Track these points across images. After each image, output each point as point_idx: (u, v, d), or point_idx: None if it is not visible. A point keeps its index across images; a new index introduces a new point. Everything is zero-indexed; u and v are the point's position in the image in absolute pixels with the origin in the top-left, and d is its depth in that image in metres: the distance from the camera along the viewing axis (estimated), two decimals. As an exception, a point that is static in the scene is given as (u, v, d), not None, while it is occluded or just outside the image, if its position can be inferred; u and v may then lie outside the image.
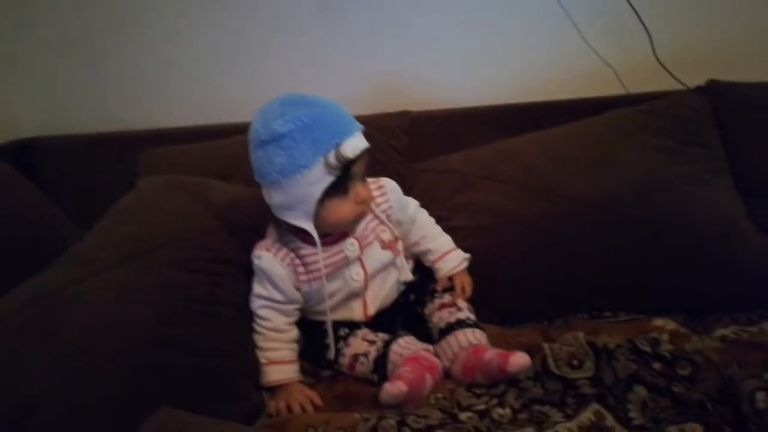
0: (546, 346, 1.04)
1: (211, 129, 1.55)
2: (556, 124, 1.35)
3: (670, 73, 1.42)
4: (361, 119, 1.43)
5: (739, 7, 1.45)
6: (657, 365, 0.94)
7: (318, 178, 0.92)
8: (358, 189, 0.97)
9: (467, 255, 1.14)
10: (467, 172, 1.30)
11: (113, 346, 0.84)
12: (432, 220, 1.18)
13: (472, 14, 1.50)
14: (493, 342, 1.06)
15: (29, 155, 1.66)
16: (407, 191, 1.23)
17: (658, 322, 1.08)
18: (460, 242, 1.18)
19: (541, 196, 1.20)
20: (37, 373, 0.80)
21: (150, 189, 1.20)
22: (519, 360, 0.94)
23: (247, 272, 1.04)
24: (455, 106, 1.52)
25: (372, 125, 1.41)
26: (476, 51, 1.53)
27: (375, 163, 1.32)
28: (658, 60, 1.43)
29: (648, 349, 0.97)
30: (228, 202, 1.13)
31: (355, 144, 0.93)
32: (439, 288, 1.11)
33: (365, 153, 0.96)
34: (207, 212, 1.10)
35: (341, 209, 0.97)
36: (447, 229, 1.20)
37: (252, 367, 0.97)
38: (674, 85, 1.41)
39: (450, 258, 1.13)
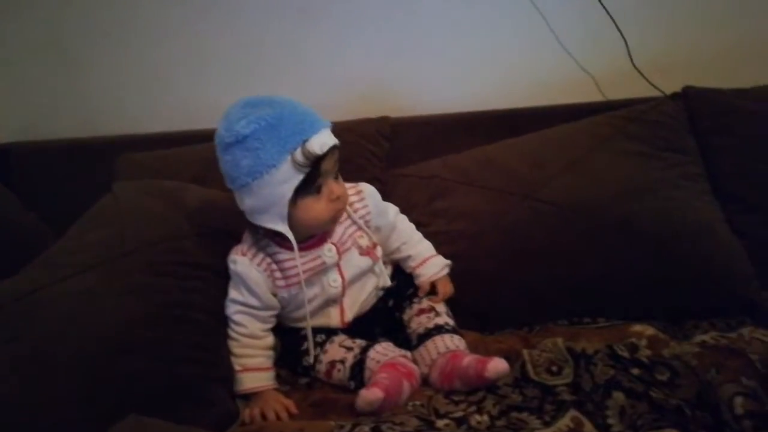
0: (525, 352, 1.03)
1: (189, 134, 1.53)
2: (535, 131, 1.35)
3: (646, 79, 1.43)
4: (341, 125, 1.43)
5: (715, 14, 1.46)
6: (635, 371, 0.93)
7: (287, 177, 0.91)
8: (331, 186, 0.96)
9: (448, 261, 1.14)
10: (446, 178, 1.30)
11: (77, 353, 0.81)
12: (412, 226, 1.17)
13: (453, 21, 1.50)
14: (473, 348, 1.05)
15: (7, 161, 1.63)
16: (387, 197, 1.22)
17: (637, 327, 1.07)
18: (439, 247, 1.18)
19: (518, 201, 1.20)
20: (-1, 383, 0.77)
21: (124, 193, 1.18)
22: (497, 366, 0.93)
23: (222, 277, 1.02)
24: (435, 112, 1.52)
25: (352, 131, 1.43)
26: (456, 58, 1.53)
27: (355, 168, 1.32)
28: (634, 66, 1.44)
29: (626, 354, 0.96)
30: (204, 206, 1.12)
31: (323, 140, 0.92)
32: (421, 294, 1.10)
33: (334, 150, 0.95)
34: (182, 216, 1.09)
35: (315, 208, 0.95)
36: (426, 235, 1.19)
37: (225, 373, 0.95)
38: (651, 92, 1.42)
39: (431, 264, 1.12)
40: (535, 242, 1.17)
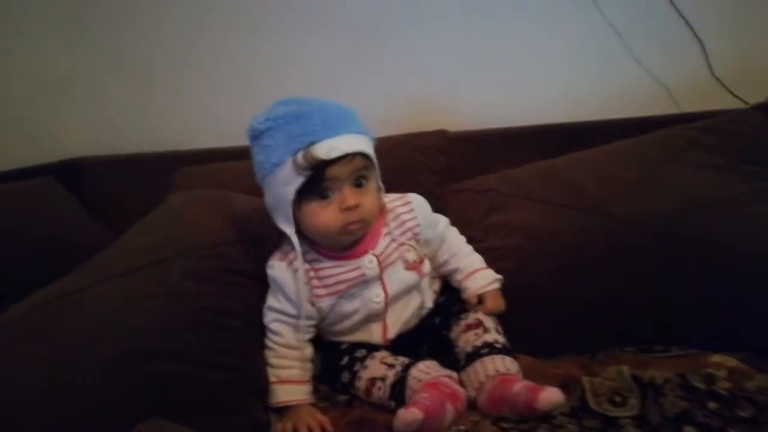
0: (585, 379, 0.93)
1: (245, 148, 1.54)
2: (603, 145, 1.27)
3: (727, 88, 1.32)
4: (397, 138, 1.41)
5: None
6: (712, 404, 0.82)
7: (289, 178, 0.87)
8: (344, 194, 0.90)
9: (499, 276, 1.06)
10: (503, 192, 1.23)
11: (108, 353, 0.79)
12: (463, 238, 1.11)
13: (516, 33, 1.45)
14: (526, 373, 0.96)
15: (77, 173, 1.70)
16: (441, 212, 1.16)
17: (716, 358, 0.95)
18: (494, 263, 1.10)
19: (581, 216, 1.11)
20: (26, 378, 0.76)
21: (175, 202, 1.19)
22: (550, 396, 0.84)
23: (263, 285, 0.99)
24: (496, 126, 1.45)
25: (407, 144, 1.40)
26: (520, 70, 1.48)
27: (408, 182, 1.28)
28: (714, 75, 1.33)
29: (702, 385, 0.85)
30: (250, 215, 1.10)
31: (333, 145, 0.87)
32: (467, 307, 1.02)
33: (351, 157, 0.89)
34: (228, 224, 1.07)
35: (321, 215, 0.91)
36: (480, 251, 1.12)
37: (258, 383, 0.91)
38: (732, 103, 1.31)
39: (479, 276, 1.05)
40: (598, 260, 1.07)
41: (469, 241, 1.14)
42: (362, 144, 0.91)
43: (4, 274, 1.18)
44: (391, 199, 1.02)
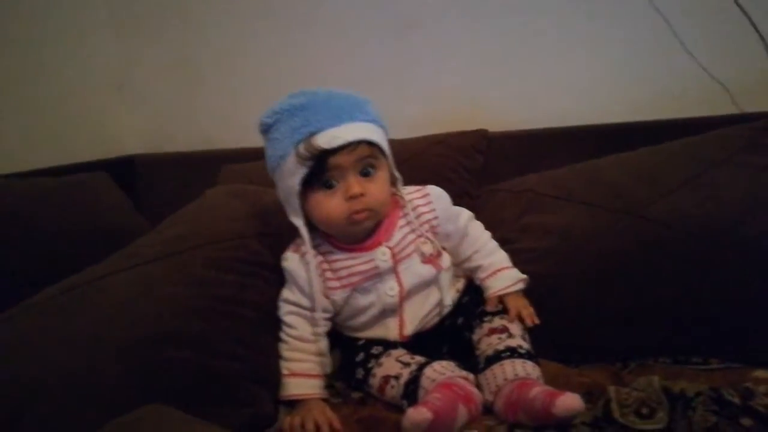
0: (611, 388, 0.87)
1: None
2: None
3: (791, 87, 1.21)
4: (436, 137, 1.39)
5: None
6: (747, 421, 0.75)
7: (293, 169, 0.87)
8: (348, 183, 0.88)
9: (524, 276, 1.01)
10: (540, 192, 1.18)
11: (125, 337, 0.81)
12: (488, 234, 1.07)
13: (562, 30, 1.40)
14: (551, 380, 0.91)
15: (132, 170, 1.78)
16: (477, 212, 1.13)
17: (760, 373, 0.87)
18: (525, 265, 1.05)
19: (618, 219, 1.05)
20: (48, 358, 0.78)
21: (212, 196, 1.21)
22: (567, 402, 0.78)
23: (283, 277, 0.99)
24: (540, 126, 1.40)
25: (445, 143, 1.38)
26: (567, 68, 1.42)
27: (444, 180, 1.26)
28: (776, 72, 1.23)
29: (737, 400, 0.78)
30: (277, 208, 1.09)
31: (336, 134, 0.86)
32: (488, 309, 0.98)
33: (353, 146, 0.87)
34: (254, 217, 1.08)
35: (326, 205, 0.89)
36: (513, 252, 1.08)
37: (268, 375, 0.91)
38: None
39: (502, 276, 1.01)
40: (635, 265, 1.01)
41: (503, 241, 1.11)
42: (368, 132, 0.89)
43: (50, 261, 1.24)
44: (409, 191, 1.00)
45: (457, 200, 1.13)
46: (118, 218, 1.47)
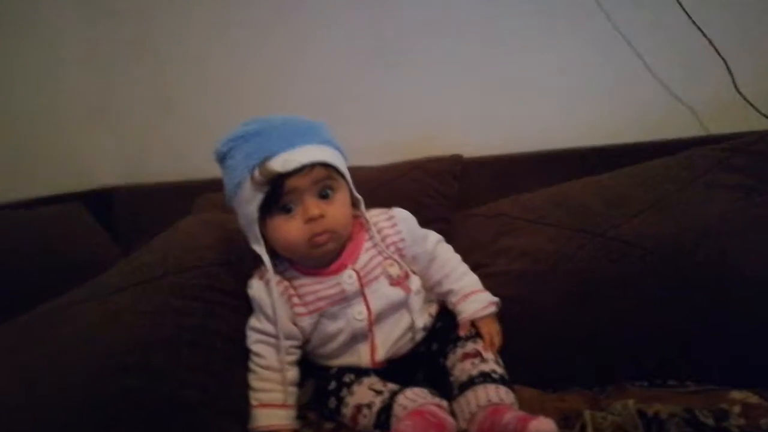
0: (587, 413, 0.86)
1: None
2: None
3: (755, 107, 1.23)
4: (410, 163, 1.39)
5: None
6: (721, 443, 0.74)
7: (250, 196, 0.87)
8: (306, 205, 0.88)
9: (496, 299, 1.00)
10: (513, 216, 1.18)
11: (85, 367, 0.79)
12: (458, 257, 1.06)
13: (531, 57, 1.41)
14: (526, 406, 0.89)
15: (110, 202, 1.76)
16: (452, 237, 1.13)
17: (736, 394, 0.87)
18: (499, 289, 1.04)
19: (589, 240, 1.05)
20: (5, 389, 0.76)
21: (182, 225, 1.20)
22: (541, 426, 0.77)
23: (250, 306, 0.97)
24: (513, 151, 1.41)
25: (420, 169, 1.38)
26: (542, 95, 1.43)
27: (420, 207, 1.25)
28: (740, 93, 1.25)
29: (710, 421, 0.77)
30: (246, 236, 1.09)
31: (290, 158, 0.86)
32: (461, 334, 0.97)
33: (311, 168, 0.87)
34: (223, 244, 1.06)
35: (286, 229, 0.89)
36: (486, 276, 1.07)
37: (234, 405, 0.88)
38: (763, 123, 1.22)
39: (474, 299, 0.99)
40: (607, 286, 1.01)
41: (477, 265, 1.10)
42: (323, 154, 0.89)
43: (23, 294, 1.21)
44: (374, 214, 1.00)
45: (433, 225, 1.13)
46: (94, 249, 1.45)
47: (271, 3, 1.55)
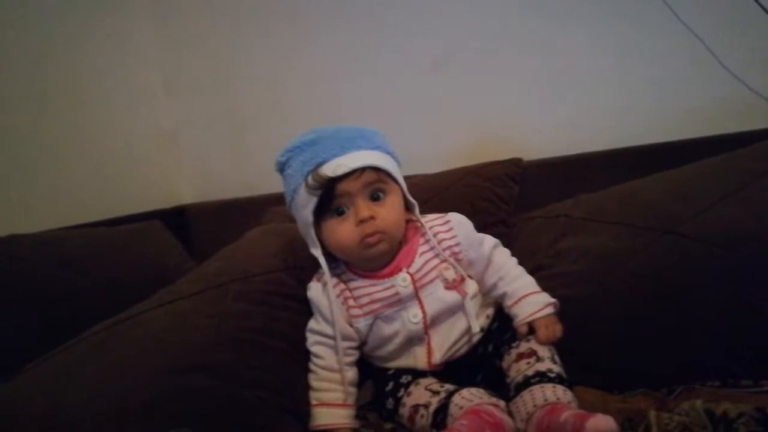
0: (652, 413, 0.83)
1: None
2: (695, 164, 1.16)
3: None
4: (469, 168, 1.39)
5: None
6: (795, 442, 0.69)
7: (305, 201, 0.91)
8: (358, 208, 0.90)
9: (554, 300, 0.98)
10: (574, 216, 1.16)
11: (155, 368, 0.84)
12: (514, 260, 1.04)
13: (594, 54, 1.39)
14: (590, 407, 0.86)
15: (185, 219, 1.86)
16: (512, 241, 1.13)
17: (817, 394, 0.81)
18: (560, 290, 1.02)
19: (655, 238, 1.01)
20: (84, 389, 0.82)
21: (250, 236, 1.26)
22: (599, 424, 0.74)
23: (315, 310, 1.01)
24: (576, 152, 1.39)
25: (479, 174, 1.38)
26: (604, 93, 1.40)
27: (477, 211, 1.26)
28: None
29: (785, 421, 0.72)
30: (309, 243, 1.13)
31: (341, 163, 0.88)
32: (519, 338, 0.95)
33: (359, 172, 0.89)
34: (289, 251, 1.11)
35: (338, 231, 0.92)
36: (548, 277, 1.06)
37: (298, 405, 0.91)
38: None
39: (530, 301, 0.98)
40: (675, 285, 0.96)
41: (538, 268, 1.09)
42: (372, 158, 0.91)
43: (109, 302, 1.30)
44: (431, 218, 1.01)
45: (492, 229, 1.13)
46: (171, 263, 1.54)
47: (338, 28, 1.61)
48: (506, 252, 1.05)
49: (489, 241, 1.04)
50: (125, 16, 1.79)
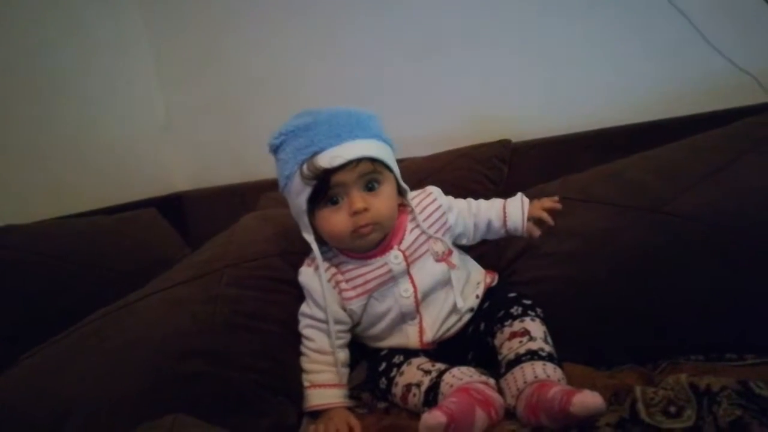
0: (638, 389, 0.85)
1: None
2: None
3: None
4: (458, 151, 1.40)
5: None
6: (776, 414, 0.71)
7: (300, 189, 0.91)
8: (352, 198, 0.91)
9: (520, 193, 1.07)
10: (563, 196, 1.16)
11: (150, 353, 0.86)
12: (471, 199, 1.10)
13: (580, 34, 1.39)
14: (578, 383, 0.88)
15: (181, 206, 1.87)
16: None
17: (798, 366, 0.83)
18: (549, 270, 1.05)
19: (640, 216, 1.03)
20: (81, 377, 0.84)
21: (243, 222, 1.27)
22: (585, 400, 0.76)
23: (305, 294, 1.02)
24: (564, 132, 1.40)
25: (468, 156, 1.39)
26: (592, 73, 1.41)
27: (468, 192, 1.26)
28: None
29: (766, 393, 0.74)
30: (301, 228, 1.14)
31: (336, 154, 0.89)
32: (534, 235, 1.02)
33: (354, 163, 0.90)
34: (280, 237, 1.12)
35: (332, 220, 0.93)
36: (537, 257, 1.09)
37: (290, 387, 0.93)
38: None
39: (512, 208, 1.05)
40: (660, 262, 0.98)
41: (527, 248, 1.12)
42: (368, 149, 0.91)
43: (105, 290, 1.31)
44: (414, 195, 1.03)
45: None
46: (167, 250, 1.55)
47: (331, 14, 1.61)
48: (471, 200, 1.10)
49: (452, 198, 1.08)
50: (116, 4, 1.78)
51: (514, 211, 1.03)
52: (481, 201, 1.09)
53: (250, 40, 1.74)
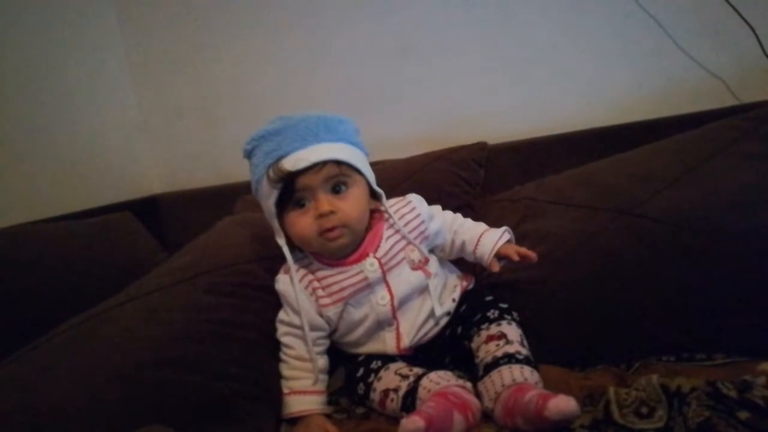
0: (611, 390, 0.86)
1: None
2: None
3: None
4: (434, 153, 1.41)
5: None
6: (743, 415, 0.73)
7: (268, 192, 0.92)
8: (319, 202, 0.92)
9: (506, 227, 1.04)
10: (537, 199, 1.19)
11: (125, 363, 0.84)
12: (459, 215, 1.10)
13: (552, 38, 1.41)
14: (552, 385, 0.90)
15: (157, 208, 1.85)
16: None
17: (766, 366, 0.85)
18: (523, 272, 1.06)
19: (612, 218, 1.04)
20: (56, 388, 0.82)
21: (220, 227, 1.26)
22: (560, 404, 0.77)
23: (284, 300, 1.02)
24: (540, 135, 1.41)
25: (444, 158, 1.39)
26: (565, 76, 1.42)
27: (445, 195, 1.28)
28: (768, 59, 1.21)
29: (733, 393, 0.76)
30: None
31: (301, 157, 0.89)
32: (494, 270, 1.00)
33: (319, 166, 0.90)
34: (259, 242, 1.12)
35: (299, 223, 0.93)
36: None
37: (268, 394, 0.93)
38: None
39: (487, 237, 1.03)
40: (633, 264, 1.00)
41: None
42: (334, 152, 0.92)
43: (79, 299, 1.29)
44: (393, 203, 1.03)
45: (458, 212, 1.14)
46: (143, 255, 1.53)
47: (305, 17, 1.61)
48: (451, 212, 1.10)
49: (436, 208, 1.09)
50: (87, 2, 1.75)
51: (487, 242, 1.02)
52: (468, 220, 1.09)
53: (226, 41, 1.73)
